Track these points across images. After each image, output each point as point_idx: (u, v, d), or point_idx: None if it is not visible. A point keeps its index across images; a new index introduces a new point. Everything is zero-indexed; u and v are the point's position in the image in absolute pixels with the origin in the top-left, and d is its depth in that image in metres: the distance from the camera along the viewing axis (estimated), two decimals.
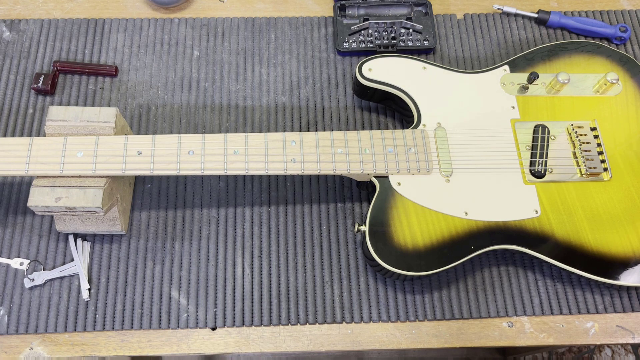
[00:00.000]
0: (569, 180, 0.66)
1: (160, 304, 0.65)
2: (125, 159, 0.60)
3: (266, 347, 0.64)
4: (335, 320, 0.65)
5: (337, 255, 0.68)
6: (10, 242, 0.68)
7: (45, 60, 0.79)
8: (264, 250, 0.68)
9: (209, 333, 0.65)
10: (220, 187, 0.72)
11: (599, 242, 0.63)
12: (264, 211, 0.70)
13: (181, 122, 0.75)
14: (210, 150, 0.62)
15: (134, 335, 0.64)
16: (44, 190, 0.59)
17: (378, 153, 0.64)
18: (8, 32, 0.80)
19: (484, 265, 0.68)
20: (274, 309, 0.65)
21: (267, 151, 0.62)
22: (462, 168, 0.66)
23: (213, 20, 0.83)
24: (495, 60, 0.81)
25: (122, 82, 0.78)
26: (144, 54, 0.80)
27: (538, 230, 0.63)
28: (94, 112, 0.63)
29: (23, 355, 0.63)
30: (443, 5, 0.86)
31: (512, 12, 0.84)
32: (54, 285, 0.66)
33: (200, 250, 0.68)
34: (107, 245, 0.68)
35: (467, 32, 0.83)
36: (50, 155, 0.60)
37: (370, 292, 0.66)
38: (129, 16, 0.83)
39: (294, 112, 0.77)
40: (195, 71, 0.79)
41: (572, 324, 0.66)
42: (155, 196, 0.71)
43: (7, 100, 0.76)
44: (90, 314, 0.64)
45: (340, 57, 0.80)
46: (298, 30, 0.82)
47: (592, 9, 0.86)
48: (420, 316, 0.65)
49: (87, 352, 0.63)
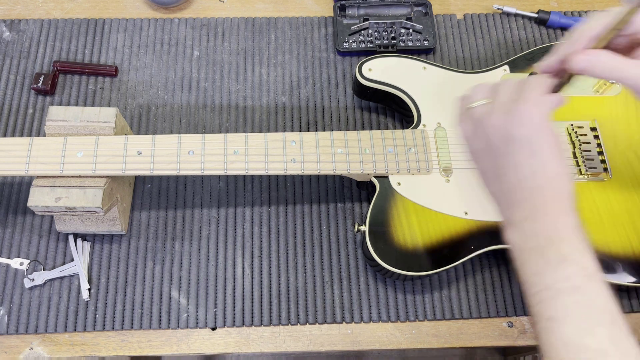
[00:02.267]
0: None
1: (160, 304, 0.65)
2: (125, 159, 0.60)
3: (266, 347, 0.64)
4: (335, 320, 0.65)
5: (337, 255, 0.68)
6: (10, 242, 0.68)
7: (45, 60, 0.79)
8: (264, 250, 0.68)
9: (209, 333, 0.65)
10: (220, 187, 0.72)
11: (599, 242, 0.63)
12: (264, 211, 0.70)
13: (181, 122, 0.75)
14: (210, 150, 0.62)
15: (134, 335, 0.64)
16: (44, 190, 0.59)
17: (378, 153, 0.64)
18: (8, 32, 0.80)
19: (484, 265, 0.68)
20: (274, 309, 0.65)
21: (267, 151, 0.62)
22: (462, 168, 0.66)
23: (213, 20, 0.83)
24: (495, 60, 0.81)
25: (122, 82, 0.78)
26: (144, 54, 0.80)
27: None
28: (94, 112, 0.63)
29: (23, 355, 0.63)
30: (443, 5, 0.86)
31: (512, 12, 0.84)
32: (54, 285, 0.66)
33: (200, 250, 0.68)
34: (107, 245, 0.68)
35: (467, 32, 0.83)
36: (50, 155, 0.60)
37: (370, 292, 0.66)
38: (129, 16, 0.83)
39: (294, 112, 0.77)
40: (195, 71, 0.79)
41: None
42: (155, 196, 0.71)
43: (7, 100, 0.76)
44: (90, 314, 0.64)
45: (340, 57, 0.80)
46: (298, 30, 0.82)
47: (592, 9, 0.86)
48: (420, 316, 0.65)
49: (87, 352, 0.63)
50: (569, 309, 0.41)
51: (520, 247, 0.46)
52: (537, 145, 0.45)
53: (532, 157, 0.45)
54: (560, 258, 0.43)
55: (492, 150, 0.48)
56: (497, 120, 0.47)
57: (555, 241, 0.44)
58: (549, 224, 0.44)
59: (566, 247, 0.43)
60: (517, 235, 0.46)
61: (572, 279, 0.42)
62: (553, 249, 0.43)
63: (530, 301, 0.44)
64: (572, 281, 0.42)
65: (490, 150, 0.48)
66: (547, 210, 0.45)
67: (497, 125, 0.47)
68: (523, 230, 0.45)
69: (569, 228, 0.44)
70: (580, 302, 0.42)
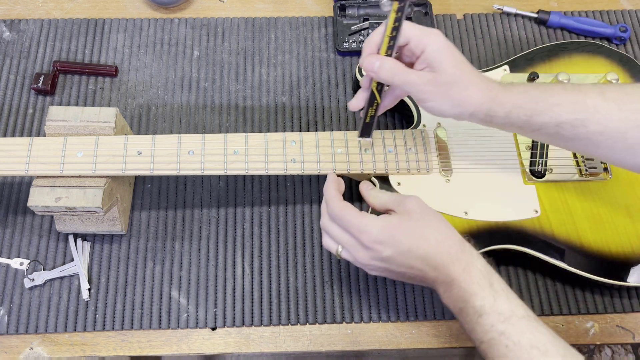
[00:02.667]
0: (569, 180, 0.66)
1: (160, 304, 0.65)
2: (125, 159, 0.60)
3: (266, 347, 0.64)
4: (335, 320, 0.65)
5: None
6: (10, 242, 0.68)
7: (45, 60, 0.79)
8: (264, 250, 0.68)
9: (209, 333, 0.65)
10: (220, 187, 0.72)
11: (599, 242, 0.63)
12: (264, 211, 0.70)
13: (181, 122, 0.75)
14: (210, 150, 0.62)
15: (134, 335, 0.64)
16: (44, 190, 0.59)
17: (378, 153, 0.64)
18: (8, 32, 0.80)
19: None
20: (274, 309, 0.65)
21: (267, 151, 0.62)
22: (462, 168, 0.66)
23: (213, 20, 0.83)
24: (495, 60, 0.81)
25: (122, 82, 0.78)
26: (144, 54, 0.80)
27: (538, 230, 0.63)
28: (94, 112, 0.63)
29: (23, 355, 0.63)
30: (443, 5, 0.86)
31: (512, 12, 0.84)
32: (54, 285, 0.66)
33: (200, 250, 0.68)
34: (107, 245, 0.68)
35: (467, 32, 0.83)
36: (50, 155, 0.60)
37: (370, 292, 0.66)
38: (129, 16, 0.83)
39: (294, 112, 0.77)
40: (195, 71, 0.79)
41: (572, 324, 0.66)
42: (155, 196, 0.71)
43: (7, 100, 0.76)
44: (90, 314, 0.64)
45: (340, 57, 0.80)
46: (298, 30, 0.82)
47: (592, 9, 0.86)
48: (420, 316, 0.65)
49: (87, 352, 0.63)
50: (504, 354, 0.45)
51: (454, 312, 0.51)
52: (403, 248, 0.50)
53: (408, 259, 0.50)
54: (477, 313, 0.47)
55: (389, 272, 0.53)
56: (364, 259, 0.52)
57: (468, 300, 0.48)
58: (458, 289, 0.49)
59: (478, 301, 0.48)
60: (447, 303, 0.51)
61: (494, 327, 0.46)
62: (469, 306, 0.48)
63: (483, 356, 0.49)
64: (495, 329, 0.46)
65: (389, 272, 0.53)
66: (452, 278, 0.49)
67: (368, 262, 0.52)
68: (449, 299, 0.51)
69: (474, 284, 0.48)
70: (509, 346, 0.45)
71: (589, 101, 0.51)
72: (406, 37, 0.52)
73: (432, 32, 0.52)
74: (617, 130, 0.51)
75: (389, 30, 0.50)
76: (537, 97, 0.52)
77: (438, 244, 0.50)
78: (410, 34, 0.52)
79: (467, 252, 0.51)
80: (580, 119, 0.51)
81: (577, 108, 0.51)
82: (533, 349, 0.45)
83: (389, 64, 0.52)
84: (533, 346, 0.45)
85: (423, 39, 0.51)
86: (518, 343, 0.45)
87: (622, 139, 0.51)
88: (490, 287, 0.48)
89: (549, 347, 0.45)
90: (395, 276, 0.54)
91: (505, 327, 0.46)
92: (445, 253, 0.50)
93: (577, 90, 0.52)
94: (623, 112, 0.50)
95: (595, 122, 0.51)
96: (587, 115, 0.51)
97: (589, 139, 0.52)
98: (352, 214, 0.52)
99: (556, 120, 0.52)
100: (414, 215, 0.52)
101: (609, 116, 0.50)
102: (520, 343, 0.45)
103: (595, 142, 0.52)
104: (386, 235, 0.50)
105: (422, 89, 0.52)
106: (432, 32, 0.52)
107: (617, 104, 0.50)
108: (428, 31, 0.52)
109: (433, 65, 0.51)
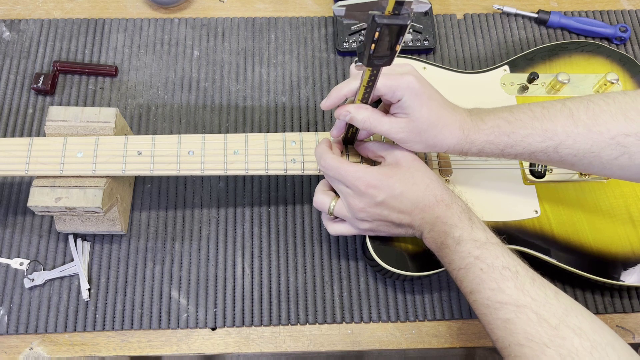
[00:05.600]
0: (568, 180, 0.66)
1: (160, 304, 0.65)
2: (125, 159, 0.60)
3: (266, 347, 0.64)
4: (335, 321, 0.65)
5: (337, 255, 0.68)
6: (10, 242, 0.68)
7: (45, 60, 0.79)
8: (264, 250, 0.68)
9: (209, 333, 0.65)
10: (220, 187, 0.72)
11: (599, 242, 0.63)
12: (264, 211, 0.70)
13: (181, 122, 0.75)
14: (210, 150, 0.62)
15: (134, 335, 0.64)
16: (44, 190, 0.59)
17: None
18: (8, 32, 0.80)
19: None
20: (274, 309, 0.65)
21: (267, 151, 0.62)
22: (462, 168, 0.66)
23: (213, 20, 0.83)
24: (495, 60, 0.81)
25: (122, 82, 0.78)
26: (144, 54, 0.80)
27: (538, 230, 0.63)
28: (93, 112, 0.63)
29: (23, 355, 0.63)
30: (443, 5, 0.86)
31: (512, 12, 0.84)
32: (54, 285, 0.66)
33: (200, 250, 0.68)
34: (107, 245, 0.68)
35: (467, 32, 0.83)
36: (50, 155, 0.60)
37: (370, 292, 0.66)
38: (129, 16, 0.83)
39: (294, 112, 0.77)
40: (195, 71, 0.79)
41: None
42: (155, 196, 0.71)
43: (7, 100, 0.76)
44: (90, 314, 0.64)
45: (340, 57, 0.80)
46: (298, 30, 0.82)
47: (592, 9, 0.86)
48: (420, 316, 0.65)
49: (87, 352, 0.63)
50: (478, 277, 0.49)
51: (435, 250, 0.54)
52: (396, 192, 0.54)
53: (400, 202, 0.54)
54: (456, 241, 0.51)
55: (379, 220, 0.56)
56: (359, 205, 0.55)
57: (448, 232, 0.52)
58: (441, 224, 0.53)
59: (457, 232, 0.51)
60: (430, 242, 0.55)
61: (471, 253, 0.50)
62: (449, 238, 0.52)
63: (460, 287, 0.52)
64: (472, 255, 0.50)
65: (379, 221, 0.56)
66: (437, 216, 0.53)
67: (362, 208, 0.55)
68: (431, 238, 0.54)
69: (455, 217, 0.53)
70: (484, 269, 0.49)
71: (559, 128, 0.53)
72: (379, 92, 0.53)
73: (403, 79, 0.52)
74: (589, 151, 0.53)
75: (365, 81, 0.50)
76: (509, 130, 0.54)
77: (426, 187, 0.54)
78: (382, 90, 0.52)
79: (450, 193, 0.55)
80: (552, 145, 0.53)
81: (548, 135, 0.53)
82: (505, 269, 0.48)
83: (361, 115, 0.53)
84: (505, 267, 0.48)
85: (396, 93, 0.52)
86: (492, 265, 0.48)
87: (597, 158, 0.53)
88: (469, 220, 0.52)
89: (519, 270, 0.48)
90: (385, 226, 0.57)
91: (480, 252, 0.49)
92: (432, 195, 0.54)
93: (547, 119, 0.53)
94: (592, 134, 0.52)
95: (567, 147, 0.53)
96: (558, 142, 0.53)
97: (565, 160, 0.54)
98: (347, 163, 0.55)
99: (529, 150, 0.54)
100: (403, 162, 0.55)
101: (579, 139, 0.52)
102: (493, 265, 0.48)
103: (571, 162, 0.54)
104: (380, 180, 0.54)
105: (395, 136, 0.54)
106: (403, 79, 0.52)
107: (586, 127, 0.52)
108: (399, 80, 0.52)
109: (407, 112, 0.53)
